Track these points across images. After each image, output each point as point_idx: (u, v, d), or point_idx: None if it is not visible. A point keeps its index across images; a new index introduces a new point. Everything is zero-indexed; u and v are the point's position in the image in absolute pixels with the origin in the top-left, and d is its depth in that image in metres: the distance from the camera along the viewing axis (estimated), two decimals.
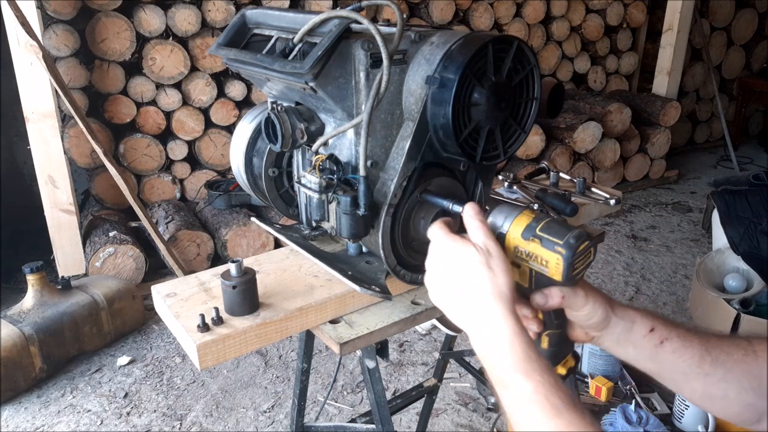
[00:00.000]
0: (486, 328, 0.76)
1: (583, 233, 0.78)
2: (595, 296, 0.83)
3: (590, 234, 0.80)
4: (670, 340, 0.83)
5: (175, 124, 3.68)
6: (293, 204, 1.30)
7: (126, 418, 2.42)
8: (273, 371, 2.70)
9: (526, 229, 0.80)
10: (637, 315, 0.85)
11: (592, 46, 5.30)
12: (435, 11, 4.34)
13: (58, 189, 3.17)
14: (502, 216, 0.84)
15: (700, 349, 0.82)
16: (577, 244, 0.77)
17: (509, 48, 0.99)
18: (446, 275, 0.81)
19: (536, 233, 0.79)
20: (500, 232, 0.83)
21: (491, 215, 0.85)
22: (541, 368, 0.71)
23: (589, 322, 0.85)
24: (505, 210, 0.84)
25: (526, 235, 0.80)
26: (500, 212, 0.84)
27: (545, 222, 0.80)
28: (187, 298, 1.08)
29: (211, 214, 3.60)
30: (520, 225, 0.81)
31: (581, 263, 0.79)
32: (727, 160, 5.43)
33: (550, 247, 0.78)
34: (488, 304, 0.76)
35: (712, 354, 0.81)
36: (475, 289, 0.77)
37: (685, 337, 0.83)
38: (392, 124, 1.03)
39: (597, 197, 1.53)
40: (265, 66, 1.01)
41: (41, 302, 2.62)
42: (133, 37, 3.43)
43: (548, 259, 0.79)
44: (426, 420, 2.07)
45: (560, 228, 0.79)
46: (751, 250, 2.85)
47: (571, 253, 0.76)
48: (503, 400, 0.73)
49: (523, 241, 0.80)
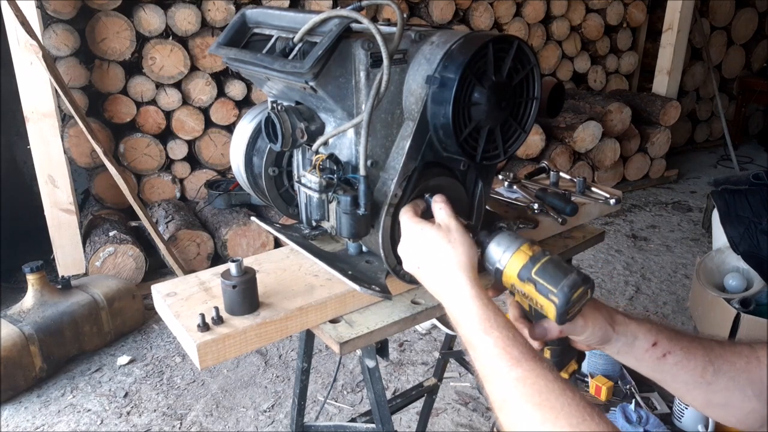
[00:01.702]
0: (451, 296, 0.84)
1: (578, 279, 0.78)
2: (595, 319, 0.85)
3: (586, 277, 0.79)
4: (672, 353, 0.84)
5: (175, 124, 3.68)
6: (293, 203, 1.29)
7: (126, 418, 2.42)
8: (273, 371, 2.71)
9: (522, 269, 0.81)
10: (640, 330, 0.86)
11: (592, 46, 5.30)
12: (435, 11, 4.34)
13: (58, 189, 3.17)
14: (500, 250, 0.84)
15: (702, 360, 0.83)
16: (571, 293, 0.77)
17: (509, 48, 0.99)
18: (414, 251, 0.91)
19: (532, 276, 0.80)
20: (497, 268, 0.84)
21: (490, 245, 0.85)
22: (499, 324, 0.77)
23: (588, 342, 0.88)
24: (503, 242, 0.84)
25: (522, 276, 0.81)
26: (498, 245, 0.84)
27: (541, 264, 0.79)
28: (187, 297, 1.08)
29: (211, 213, 3.60)
30: (516, 264, 0.82)
31: (576, 307, 0.79)
32: (727, 160, 5.43)
33: (545, 293, 0.78)
34: (450, 273, 0.84)
35: (714, 364, 0.82)
36: (437, 261, 0.87)
37: (688, 349, 0.84)
38: (392, 124, 1.03)
39: (597, 197, 1.53)
40: (266, 65, 1.01)
41: (41, 302, 2.62)
42: (133, 37, 3.43)
43: (543, 303, 0.80)
44: (426, 419, 2.07)
45: (556, 272, 0.78)
46: (751, 250, 2.85)
47: (564, 301, 0.77)
48: (474, 362, 0.78)
49: (519, 282, 0.81)
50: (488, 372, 0.75)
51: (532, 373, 0.70)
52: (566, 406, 0.66)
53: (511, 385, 0.71)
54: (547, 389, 0.68)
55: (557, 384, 0.69)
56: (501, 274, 0.84)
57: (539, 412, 0.67)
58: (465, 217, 1.14)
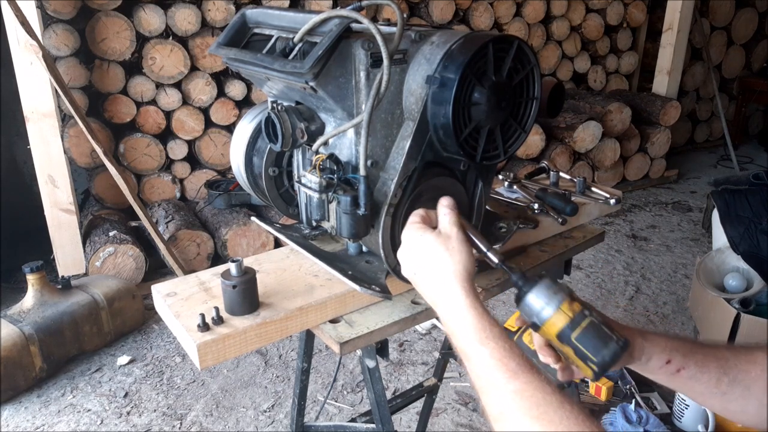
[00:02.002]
0: (445, 304, 0.83)
1: (618, 350, 0.76)
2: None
3: (625, 342, 0.78)
4: (686, 368, 0.84)
5: (175, 124, 3.68)
6: (293, 203, 1.30)
7: (126, 418, 2.42)
8: (273, 371, 2.71)
9: (562, 331, 0.78)
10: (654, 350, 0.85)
11: (592, 46, 5.30)
12: (435, 11, 4.34)
13: (58, 189, 3.17)
14: (539, 304, 0.80)
15: (717, 372, 0.83)
16: (610, 364, 0.76)
17: (509, 48, 0.99)
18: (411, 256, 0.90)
19: (572, 341, 0.77)
20: (534, 322, 0.80)
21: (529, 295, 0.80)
22: (495, 335, 0.76)
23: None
24: (543, 296, 0.79)
25: (561, 338, 0.78)
26: (538, 297, 0.80)
27: (582, 330, 0.77)
28: (188, 297, 1.08)
29: (211, 213, 3.60)
30: (556, 325, 0.78)
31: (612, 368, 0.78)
32: (727, 160, 5.43)
33: (583, 359, 0.77)
34: (445, 281, 0.83)
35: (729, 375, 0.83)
36: (433, 268, 0.86)
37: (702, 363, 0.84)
38: (392, 124, 1.03)
39: (597, 197, 1.53)
40: (266, 65, 1.01)
41: (41, 302, 2.62)
42: (133, 37, 3.43)
43: (580, 366, 0.78)
44: (426, 419, 2.07)
45: (597, 340, 0.76)
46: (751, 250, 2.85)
47: (603, 370, 0.76)
48: (469, 372, 0.77)
49: (557, 341, 0.79)
50: (484, 383, 0.74)
51: (529, 386, 0.70)
52: (565, 420, 0.66)
53: (508, 398, 0.70)
54: (546, 402, 0.68)
55: (555, 397, 0.68)
56: (538, 328, 0.81)
57: (537, 425, 0.66)
58: (465, 216, 1.14)
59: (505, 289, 1.26)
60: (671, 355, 0.84)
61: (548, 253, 1.36)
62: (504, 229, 1.26)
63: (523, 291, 0.82)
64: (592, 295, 3.32)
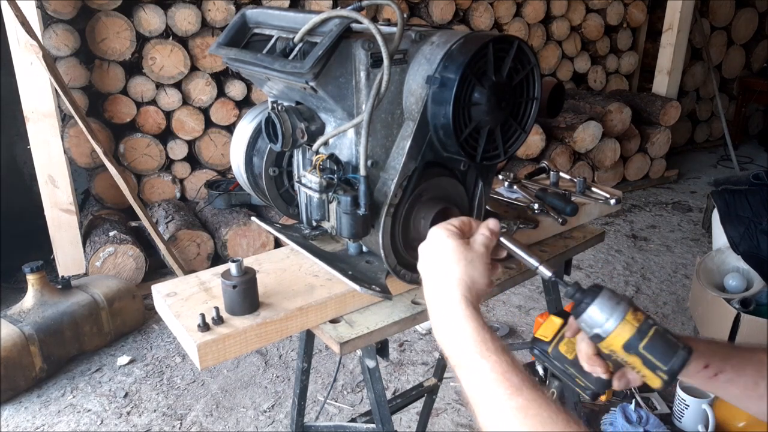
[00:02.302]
0: (442, 310, 0.80)
1: (686, 356, 0.75)
2: None
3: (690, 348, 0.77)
4: (723, 372, 0.83)
5: (175, 124, 3.68)
6: (293, 203, 1.30)
7: (126, 418, 2.42)
8: (273, 371, 2.71)
9: (628, 342, 0.76)
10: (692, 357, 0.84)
11: (592, 46, 5.30)
12: (435, 11, 4.34)
13: (58, 189, 3.17)
14: (603, 316, 0.77)
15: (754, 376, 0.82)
16: (679, 370, 0.75)
17: (509, 48, 0.99)
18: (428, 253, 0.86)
19: (639, 351, 0.76)
20: (597, 334, 0.78)
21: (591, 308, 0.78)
22: (496, 349, 0.73)
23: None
24: (606, 308, 0.77)
25: (628, 348, 0.77)
26: (601, 310, 0.78)
27: (649, 338, 0.76)
28: (188, 297, 1.08)
29: (211, 213, 3.60)
30: (622, 335, 0.76)
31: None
32: (727, 160, 5.43)
33: (652, 368, 0.76)
34: (449, 287, 0.80)
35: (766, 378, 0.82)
36: (443, 272, 0.82)
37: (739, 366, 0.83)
38: (393, 124, 1.03)
39: (597, 197, 1.53)
40: (266, 65, 1.01)
41: (41, 302, 2.62)
42: (133, 37, 3.43)
43: (647, 375, 0.77)
44: (426, 419, 2.07)
45: (665, 348, 0.75)
46: (751, 250, 2.84)
47: (672, 379, 0.75)
48: (464, 383, 0.75)
49: (624, 352, 0.77)
50: (483, 398, 0.71)
51: (534, 403, 0.67)
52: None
53: (510, 414, 0.67)
54: (551, 421, 0.65)
55: (561, 416, 0.66)
56: (601, 340, 0.78)
57: None
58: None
59: (505, 289, 1.26)
60: (709, 360, 0.83)
61: (548, 253, 1.36)
62: (504, 229, 1.26)
63: (584, 304, 0.79)
64: None
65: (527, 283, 3.34)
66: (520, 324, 3.04)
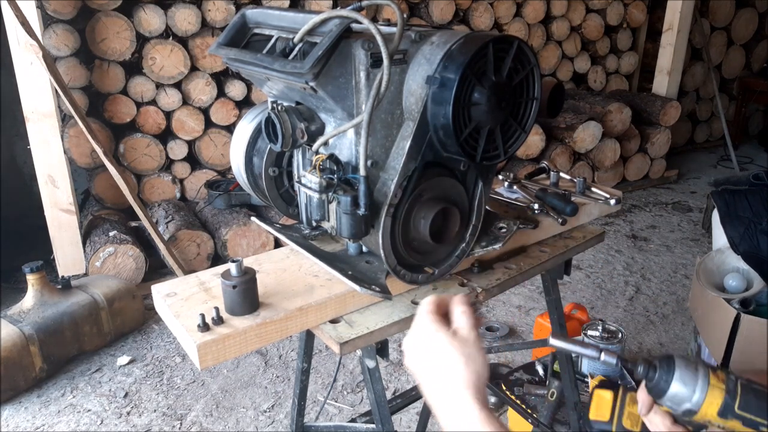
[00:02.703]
0: (456, 415, 0.77)
1: None
2: None
3: None
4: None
5: (175, 124, 3.68)
6: (293, 203, 1.30)
7: (126, 418, 2.42)
8: (273, 371, 2.71)
9: (722, 409, 0.73)
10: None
11: (592, 46, 5.30)
12: (435, 11, 4.34)
13: (58, 189, 3.16)
14: (688, 390, 0.74)
15: None
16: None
17: (509, 48, 0.99)
18: (421, 352, 0.83)
19: (736, 413, 0.73)
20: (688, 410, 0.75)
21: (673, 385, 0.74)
22: None
23: None
24: (688, 380, 0.74)
25: (724, 415, 0.74)
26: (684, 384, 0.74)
27: (741, 397, 0.73)
28: (187, 297, 1.08)
29: (211, 213, 3.60)
30: (714, 403, 0.74)
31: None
32: (727, 160, 5.43)
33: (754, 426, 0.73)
34: (458, 391, 0.77)
35: None
36: (446, 374, 0.79)
37: None
38: (392, 124, 1.03)
39: (597, 197, 1.53)
40: (266, 66, 1.01)
41: (41, 302, 2.62)
42: (133, 37, 3.43)
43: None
44: (426, 419, 2.07)
45: (758, 400, 0.73)
46: (751, 250, 2.84)
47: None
48: None
49: (720, 419, 0.74)
50: None
51: None
52: None
53: None
54: None
55: None
56: (693, 414, 0.75)
57: None
58: (465, 216, 1.14)
59: (504, 290, 1.26)
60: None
61: (548, 253, 1.36)
62: (504, 229, 1.26)
63: (663, 382, 0.75)
64: (592, 296, 3.32)
65: (527, 283, 3.34)
66: (520, 324, 3.04)
